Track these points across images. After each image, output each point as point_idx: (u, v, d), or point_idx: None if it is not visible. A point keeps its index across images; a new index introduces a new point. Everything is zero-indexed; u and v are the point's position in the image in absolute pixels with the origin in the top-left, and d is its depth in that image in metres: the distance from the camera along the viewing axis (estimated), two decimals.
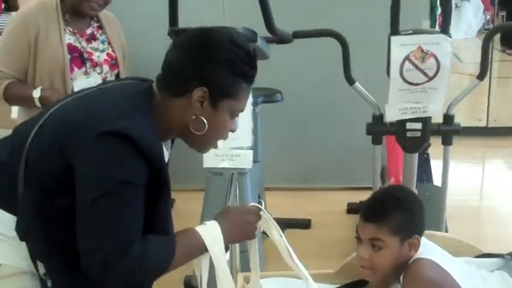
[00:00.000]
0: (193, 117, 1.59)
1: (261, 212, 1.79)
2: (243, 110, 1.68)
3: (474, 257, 2.17)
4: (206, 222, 1.67)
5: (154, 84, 1.65)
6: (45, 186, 1.56)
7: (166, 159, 1.69)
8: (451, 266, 1.93)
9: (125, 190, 1.48)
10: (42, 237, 1.58)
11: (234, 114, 1.65)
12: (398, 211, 1.94)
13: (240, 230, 1.74)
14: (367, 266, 1.95)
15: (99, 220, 1.48)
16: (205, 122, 1.60)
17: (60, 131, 1.56)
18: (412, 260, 1.93)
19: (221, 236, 1.64)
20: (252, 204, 1.83)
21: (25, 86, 2.63)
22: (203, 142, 1.68)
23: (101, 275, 1.49)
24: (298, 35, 3.02)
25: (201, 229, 1.64)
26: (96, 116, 1.52)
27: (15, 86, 2.64)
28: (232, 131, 1.69)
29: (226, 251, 1.69)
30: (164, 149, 1.66)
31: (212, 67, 1.57)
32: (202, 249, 1.62)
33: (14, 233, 1.58)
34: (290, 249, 1.82)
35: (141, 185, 1.51)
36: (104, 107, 1.56)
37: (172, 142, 1.81)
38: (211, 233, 1.64)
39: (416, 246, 1.94)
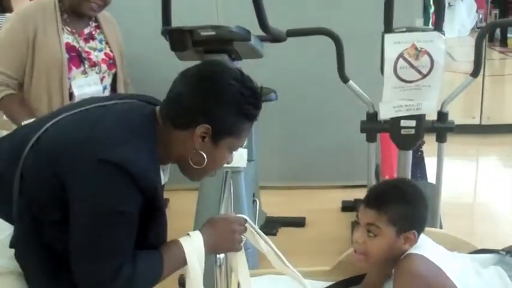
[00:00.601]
0: (194, 151, 1.61)
1: (247, 224, 1.81)
2: (242, 146, 1.71)
3: (469, 253, 2.17)
4: (190, 233, 1.69)
5: (158, 109, 1.66)
6: (38, 200, 1.56)
7: (162, 182, 1.70)
8: (444, 262, 1.94)
9: (119, 219, 1.50)
10: (31, 245, 1.58)
11: (233, 149, 1.68)
12: (401, 203, 1.94)
13: (225, 240, 1.76)
14: (360, 251, 1.96)
15: (92, 245, 1.51)
16: (205, 157, 1.62)
17: (57, 150, 1.55)
18: (404, 255, 1.93)
19: (203, 249, 1.67)
20: (238, 215, 1.85)
21: (20, 109, 2.63)
22: (199, 174, 1.70)
23: None
24: (291, 33, 3.02)
25: (184, 241, 1.66)
26: (95, 140, 1.52)
27: (11, 102, 2.63)
28: (228, 163, 1.71)
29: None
30: (161, 171, 1.67)
31: (219, 107, 1.59)
32: (185, 261, 1.66)
33: (2, 236, 1.59)
34: (280, 254, 1.84)
35: (134, 212, 1.53)
36: (104, 130, 1.55)
37: None
38: (193, 245, 1.66)
39: (411, 241, 1.94)
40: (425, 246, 1.98)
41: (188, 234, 1.69)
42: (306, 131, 4.55)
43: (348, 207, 4.20)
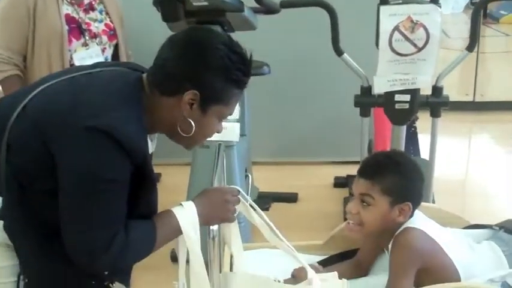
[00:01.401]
0: (182, 118, 1.58)
1: (240, 196, 1.79)
2: (231, 114, 1.69)
3: (462, 228, 2.16)
4: (183, 203, 1.67)
5: (144, 76, 1.63)
6: (26, 169, 1.54)
7: (150, 151, 1.68)
8: (439, 236, 1.94)
9: (108, 187, 1.48)
10: (20, 217, 1.57)
11: (222, 118, 1.65)
12: (395, 173, 1.93)
13: (218, 210, 1.74)
14: (354, 221, 1.95)
15: (83, 214, 1.49)
16: (193, 124, 1.59)
17: (44, 118, 1.53)
18: (401, 229, 1.92)
19: (196, 218, 1.65)
20: (231, 186, 1.84)
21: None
22: (189, 142, 1.67)
23: (86, 264, 1.53)
24: (285, 4, 2.99)
25: (177, 211, 1.65)
26: (81, 107, 1.50)
27: (14, 84, 2.64)
28: (218, 132, 1.69)
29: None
30: (148, 140, 1.65)
31: (207, 72, 1.56)
32: (179, 231, 1.64)
33: None
34: (273, 227, 1.82)
35: (124, 180, 1.51)
36: (91, 97, 1.53)
37: None
38: (186, 214, 1.64)
39: (406, 213, 1.93)
40: (422, 221, 1.97)
41: (181, 204, 1.67)
42: (299, 106, 4.52)
43: (340, 183, 4.20)
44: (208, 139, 2.61)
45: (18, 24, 2.61)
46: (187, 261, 1.69)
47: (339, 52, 2.94)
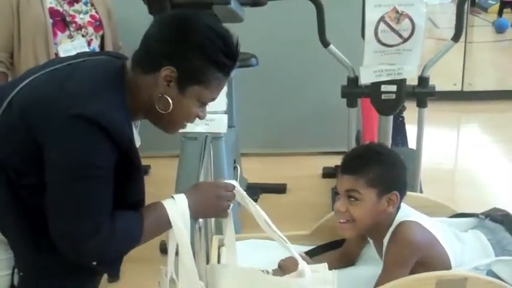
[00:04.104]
0: (159, 95, 1.57)
1: (235, 190, 1.76)
2: (214, 100, 1.65)
3: (448, 217, 2.18)
4: (174, 196, 1.66)
5: (129, 61, 1.62)
6: (14, 163, 1.53)
7: (137, 143, 1.66)
8: (432, 227, 1.94)
9: (95, 174, 1.47)
10: (9, 212, 1.56)
11: (203, 101, 1.62)
12: (377, 164, 1.92)
13: (210, 206, 1.72)
14: (345, 219, 1.92)
15: (69, 203, 1.48)
16: (170, 101, 1.57)
17: (30, 110, 1.53)
18: (397, 223, 1.91)
19: (187, 211, 1.63)
20: (228, 181, 1.80)
21: None
22: (168, 123, 1.64)
23: (72, 254, 1.52)
24: None
25: (167, 203, 1.63)
26: (66, 97, 1.50)
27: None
28: (200, 118, 1.66)
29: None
30: (134, 128, 1.63)
31: (184, 49, 1.54)
32: (168, 224, 1.62)
33: None
34: (268, 220, 1.79)
35: (109, 166, 1.50)
36: (74, 86, 1.53)
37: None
38: (177, 207, 1.63)
39: (394, 203, 1.91)
40: (415, 213, 1.97)
41: (172, 197, 1.65)
42: (286, 97, 4.53)
43: (329, 173, 4.21)
44: (196, 130, 2.68)
45: (2, 22, 2.60)
46: (177, 254, 1.68)
47: (325, 43, 2.95)
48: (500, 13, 9.00)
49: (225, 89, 2.66)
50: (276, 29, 4.28)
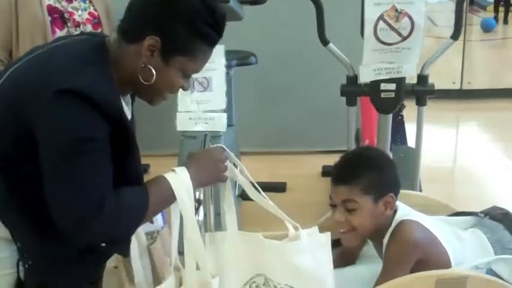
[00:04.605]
0: (142, 65, 1.55)
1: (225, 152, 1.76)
2: (198, 71, 1.64)
3: (448, 216, 2.18)
4: (175, 169, 1.64)
5: (113, 33, 1.60)
6: (7, 153, 1.52)
7: (128, 116, 1.65)
8: (432, 225, 1.93)
9: (88, 147, 1.45)
10: (10, 203, 1.55)
11: (187, 72, 1.61)
12: (369, 170, 1.91)
13: (211, 171, 1.72)
14: (346, 229, 1.92)
15: (67, 180, 1.45)
16: (153, 72, 1.55)
17: (15, 94, 1.52)
18: (397, 222, 1.91)
19: (190, 182, 1.62)
20: (215, 145, 1.82)
21: None
22: (151, 94, 1.63)
23: (77, 234, 1.47)
24: None
25: (170, 176, 1.61)
26: (49, 74, 1.48)
27: None
28: (184, 89, 1.65)
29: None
30: (124, 104, 1.62)
31: (169, 18, 1.52)
32: (173, 196, 1.60)
33: None
34: (256, 185, 1.81)
35: (103, 139, 1.47)
36: (56, 64, 1.51)
37: (133, 98, 1.76)
38: (179, 179, 1.61)
39: (391, 205, 1.92)
40: (414, 212, 1.96)
41: (173, 169, 1.63)
42: (285, 96, 4.53)
43: (328, 172, 4.15)
44: (195, 129, 2.68)
45: (1, 20, 2.60)
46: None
47: (324, 42, 2.94)
48: (496, 10, 9.03)
49: (224, 88, 2.69)
50: (275, 28, 4.28)
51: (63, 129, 1.43)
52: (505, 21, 9.32)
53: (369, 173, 1.90)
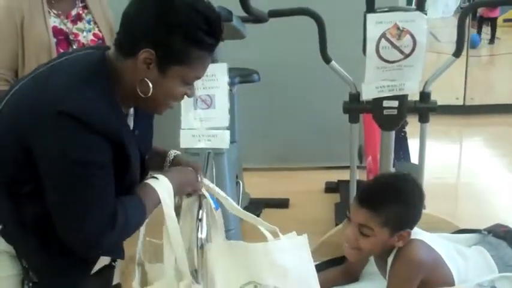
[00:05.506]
0: (140, 79, 1.53)
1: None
2: (199, 78, 1.61)
3: (451, 233, 2.18)
4: (157, 176, 1.67)
5: (112, 47, 1.59)
6: (10, 173, 1.52)
7: (131, 126, 1.66)
8: (436, 244, 1.94)
9: (91, 170, 1.45)
10: (13, 221, 1.55)
11: (187, 81, 1.58)
12: (396, 204, 1.88)
13: (186, 178, 1.75)
14: (352, 246, 1.92)
15: (77, 204, 1.46)
16: (150, 85, 1.53)
17: (15, 116, 1.52)
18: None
19: (171, 186, 1.66)
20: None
21: None
22: (153, 105, 1.61)
23: (93, 252, 1.54)
24: (273, 13, 3.00)
25: (154, 182, 1.65)
26: (47, 94, 1.47)
27: None
28: (188, 96, 1.63)
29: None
30: (128, 115, 1.64)
31: (162, 30, 1.49)
32: (158, 200, 1.64)
33: None
34: (229, 199, 1.86)
35: (105, 160, 1.48)
36: (54, 83, 1.50)
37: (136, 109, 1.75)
38: (162, 184, 1.65)
39: (405, 239, 1.90)
40: (419, 231, 1.96)
41: (155, 176, 1.67)
42: (288, 112, 4.54)
43: (331, 188, 4.21)
44: (198, 146, 2.68)
45: (6, 42, 2.61)
46: None
47: (327, 60, 2.96)
48: (479, 28, 9.08)
49: (227, 105, 2.70)
50: (277, 46, 4.30)
51: (65, 152, 1.43)
52: (491, 41, 9.38)
53: (395, 207, 1.88)
